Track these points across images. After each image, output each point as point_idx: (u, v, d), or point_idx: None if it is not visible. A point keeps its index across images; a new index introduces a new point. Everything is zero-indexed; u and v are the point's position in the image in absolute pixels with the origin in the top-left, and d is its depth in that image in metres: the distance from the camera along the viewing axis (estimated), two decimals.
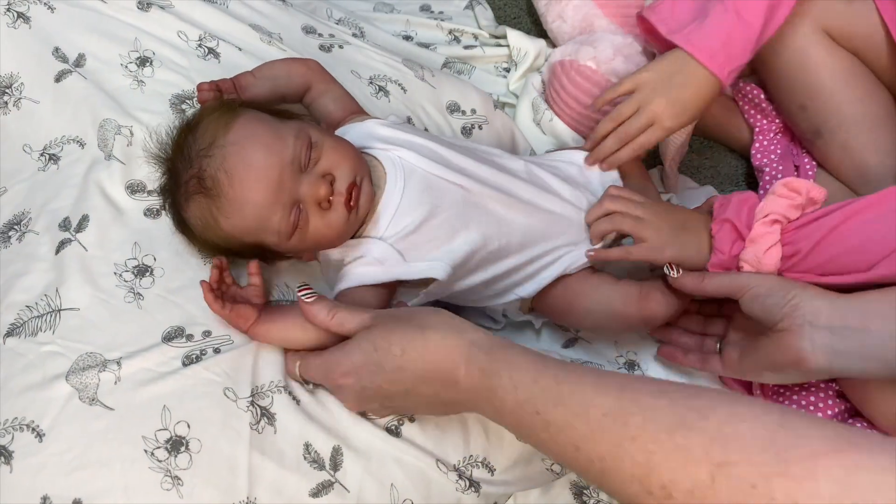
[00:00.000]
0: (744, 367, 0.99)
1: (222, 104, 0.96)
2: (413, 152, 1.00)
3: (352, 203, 0.92)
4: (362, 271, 0.96)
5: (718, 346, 1.06)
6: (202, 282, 0.87)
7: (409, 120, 1.22)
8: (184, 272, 0.95)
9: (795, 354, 0.89)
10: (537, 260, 1.08)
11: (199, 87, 1.01)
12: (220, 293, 0.89)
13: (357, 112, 1.08)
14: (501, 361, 0.75)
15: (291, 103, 1.08)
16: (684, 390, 0.67)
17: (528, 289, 1.09)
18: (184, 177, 0.91)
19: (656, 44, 1.26)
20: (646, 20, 1.23)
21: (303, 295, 0.87)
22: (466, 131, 1.28)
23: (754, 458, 0.58)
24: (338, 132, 1.03)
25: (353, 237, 0.97)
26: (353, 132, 1.03)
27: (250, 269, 0.92)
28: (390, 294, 0.98)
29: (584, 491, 1.07)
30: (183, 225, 0.94)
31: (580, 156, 1.19)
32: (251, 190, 0.89)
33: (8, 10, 1.08)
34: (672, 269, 1.03)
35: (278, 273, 1.02)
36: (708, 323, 1.12)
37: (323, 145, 0.93)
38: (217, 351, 0.89)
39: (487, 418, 0.78)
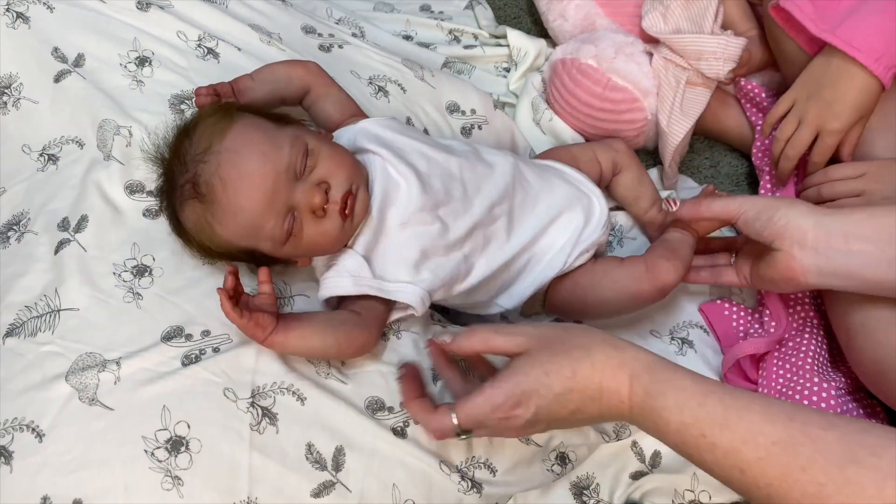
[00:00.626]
0: (753, 280, 1.07)
1: (220, 108, 0.95)
2: (396, 156, 0.99)
3: (347, 211, 0.91)
4: (333, 283, 0.95)
5: (733, 258, 1.12)
6: (219, 289, 0.83)
7: (408, 120, 1.22)
8: (183, 272, 0.94)
9: (787, 273, 0.96)
10: (511, 265, 1.07)
11: (197, 91, 1.01)
12: (237, 300, 0.86)
13: (357, 114, 1.07)
14: (665, 382, 0.76)
15: (291, 106, 1.08)
16: (854, 424, 0.68)
17: (509, 302, 1.10)
18: (179, 181, 0.91)
19: (797, 38, 1.22)
20: (782, 11, 1.20)
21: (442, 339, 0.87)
22: (466, 131, 1.27)
23: None
24: (335, 135, 1.03)
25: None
26: (347, 134, 1.03)
27: (261, 276, 0.90)
28: (387, 303, 0.98)
29: (584, 491, 1.07)
30: (179, 227, 0.94)
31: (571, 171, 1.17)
32: (245, 198, 0.88)
33: (7, 9, 1.07)
34: (671, 204, 1.08)
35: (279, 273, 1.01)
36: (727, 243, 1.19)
37: (319, 153, 0.92)
38: (216, 350, 0.89)
39: (648, 433, 0.78)
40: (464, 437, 0.83)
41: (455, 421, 0.81)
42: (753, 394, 0.74)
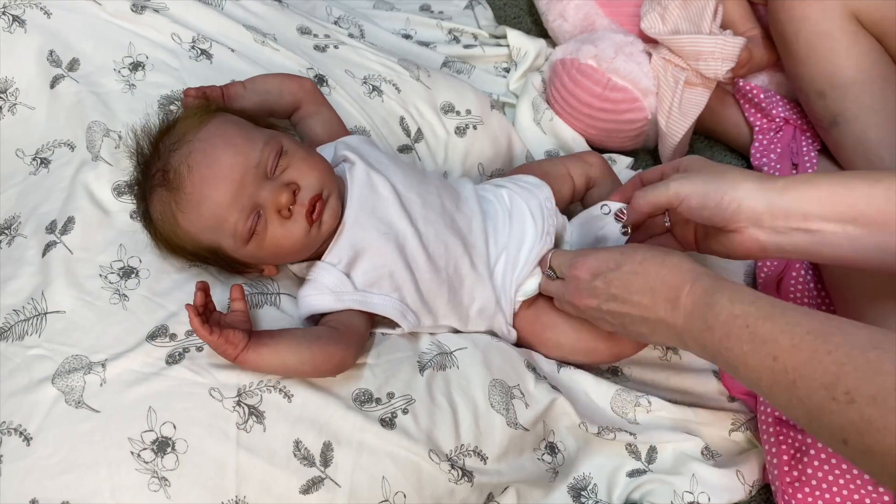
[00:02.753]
0: (703, 249, 1.03)
1: (203, 107, 0.96)
2: (375, 168, 0.99)
3: (314, 215, 0.91)
4: (315, 300, 0.94)
5: (667, 221, 1.06)
6: (187, 305, 0.82)
7: (401, 120, 1.22)
8: (169, 274, 0.95)
9: (745, 252, 0.95)
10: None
11: (186, 92, 1.01)
12: (207, 318, 0.84)
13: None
14: (726, 285, 0.84)
15: (279, 118, 1.08)
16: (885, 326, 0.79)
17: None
18: (152, 170, 0.91)
19: None
20: None
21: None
22: (461, 131, 1.26)
23: None
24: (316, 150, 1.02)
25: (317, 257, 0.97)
26: (327, 150, 1.02)
27: (233, 293, 0.89)
28: (368, 318, 0.97)
29: (582, 492, 1.06)
30: (147, 220, 0.94)
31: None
32: (210, 187, 0.88)
33: (3, 13, 1.08)
34: (621, 217, 1.04)
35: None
36: None
37: (293, 155, 0.92)
38: (199, 349, 0.89)
39: (686, 347, 0.88)
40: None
41: (549, 257, 1.02)
42: (802, 307, 0.79)
